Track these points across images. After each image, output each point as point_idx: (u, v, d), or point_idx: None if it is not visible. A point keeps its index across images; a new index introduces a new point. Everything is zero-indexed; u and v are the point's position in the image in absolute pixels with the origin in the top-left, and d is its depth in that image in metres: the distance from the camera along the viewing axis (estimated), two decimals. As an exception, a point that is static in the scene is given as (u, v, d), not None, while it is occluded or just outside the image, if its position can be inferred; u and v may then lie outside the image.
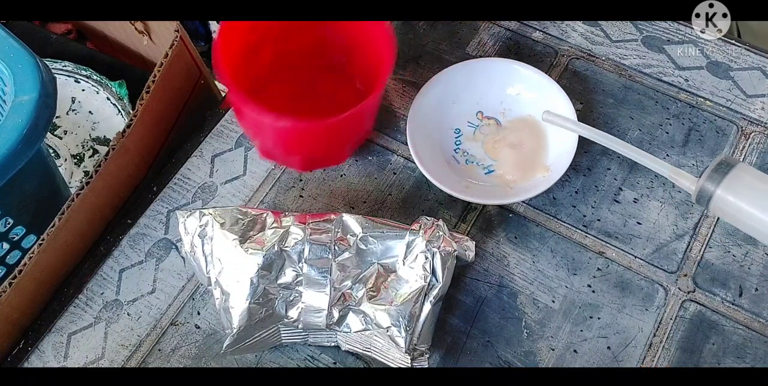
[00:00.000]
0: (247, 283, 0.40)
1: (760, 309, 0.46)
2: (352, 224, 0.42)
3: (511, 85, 0.52)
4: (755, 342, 0.45)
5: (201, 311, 0.48)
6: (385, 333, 0.40)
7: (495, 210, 0.50)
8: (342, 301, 0.41)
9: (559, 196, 0.50)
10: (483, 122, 0.53)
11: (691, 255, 0.48)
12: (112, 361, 0.46)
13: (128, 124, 0.48)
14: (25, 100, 0.41)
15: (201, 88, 0.58)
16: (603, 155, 0.51)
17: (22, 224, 0.48)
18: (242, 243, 0.41)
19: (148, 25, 0.60)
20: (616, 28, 0.57)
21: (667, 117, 0.53)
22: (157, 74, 0.48)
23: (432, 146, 0.51)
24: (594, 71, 0.55)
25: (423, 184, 0.51)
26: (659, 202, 0.49)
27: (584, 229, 0.49)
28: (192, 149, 0.54)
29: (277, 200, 0.52)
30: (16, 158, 0.40)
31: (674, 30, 0.56)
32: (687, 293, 0.46)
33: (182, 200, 0.52)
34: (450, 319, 0.46)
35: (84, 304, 0.48)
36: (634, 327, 0.45)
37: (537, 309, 0.46)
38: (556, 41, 0.57)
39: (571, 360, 0.45)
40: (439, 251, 0.41)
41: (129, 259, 0.50)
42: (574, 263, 0.48)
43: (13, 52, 0.43)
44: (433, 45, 0.57)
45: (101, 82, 0.65)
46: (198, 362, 0.46)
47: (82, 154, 0.64)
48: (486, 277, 0.48)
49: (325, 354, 0.46)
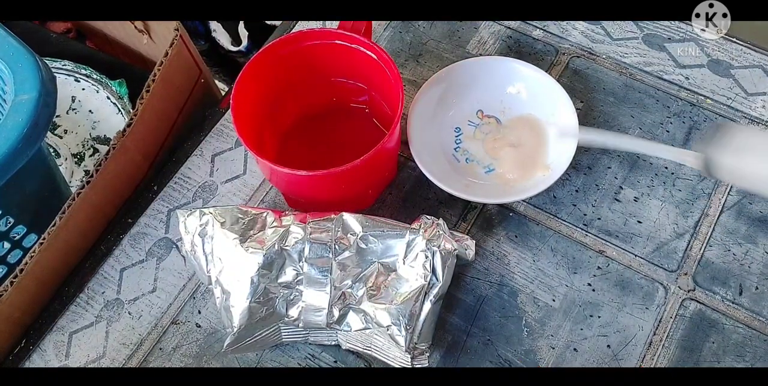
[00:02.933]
0: (248, 282, 0.40)
1: (760, 307, 0.46)
2: (353, 223, 0.42)
3: (511, 83, 0.52)
4: (755, 340, 0.45)
5: (202, 310, 0.48)
6: (385, 332, 0.41)
7: (495, 209, 0.50)
8: (342, 300, 0.41)
9: (559, 195, 0.50)
10: (483, 120, 0.53)
11: (691, 254, 0.48)
12: (114, 360, 0.46)
13: (128, 123, 0.48)
14: (25, 99, 0.41)
15: (201, 87, 0.58)
16: (603, 154, 0.51)
17: (22, 223, 0.48)
18: (243, 242, 0.41)
19: (147, 24, 0.60)
20: (617, 26, 0.57)
21: (668, 115, 0.53)
22: (157, 73, 0.48)
23: (432, 145, 0.51)
24: (595, 70, 0.55)
25: (423, 183, 0.51)
26: (660, 201, 0.49)
27: (584, 228, 0.49)
28: (192, 148, 0.54)
29: (278, 200, 0.52)
30: (17, 158, 0.40)
31: (675, 28, 0.56)
32: (687, 291, 0.46)
33: (183, 200, 0.52)
34: (450, 318, 0.46)
35: (85, 303, 0.48)
36: (634, 326, 0.45)
37: (537, 308, 0.46)
38: (556, 40, 0.57)
39: (571, 359, 0.45)
40: (439, 250, 0.41)
41: (130, 258, 0.50)
42: (575, 262, 0.48)
43: (13, 52, 0.43)
44: (434, 44, 0.57)
45: (101, 82, 0.65)
46: (199, 361, 0.46)
47: (83, 153, 0.64)
48: (486, 276, 0.48)
49: (325, 353, 0.46)
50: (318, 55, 0.48)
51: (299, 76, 0.49)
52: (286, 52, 0.47)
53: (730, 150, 0.36)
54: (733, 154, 0.36)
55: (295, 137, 0.53)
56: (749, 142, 0.35)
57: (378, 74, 0.46)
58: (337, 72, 0.50)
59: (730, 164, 0.36)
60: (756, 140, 0.35)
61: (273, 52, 0.46)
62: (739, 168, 0.35)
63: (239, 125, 0.43)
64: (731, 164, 0.36)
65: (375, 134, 0.53)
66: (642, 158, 0.51)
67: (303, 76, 0.50)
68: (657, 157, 0.48)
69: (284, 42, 0.46)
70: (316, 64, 0.49)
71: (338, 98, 0.53)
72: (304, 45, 0.47)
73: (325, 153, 0.53)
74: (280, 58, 0.47)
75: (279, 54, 0.46)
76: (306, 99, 0.52)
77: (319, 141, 0.53)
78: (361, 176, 0.45)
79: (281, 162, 0.41)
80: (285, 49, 0.46)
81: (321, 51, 0.47)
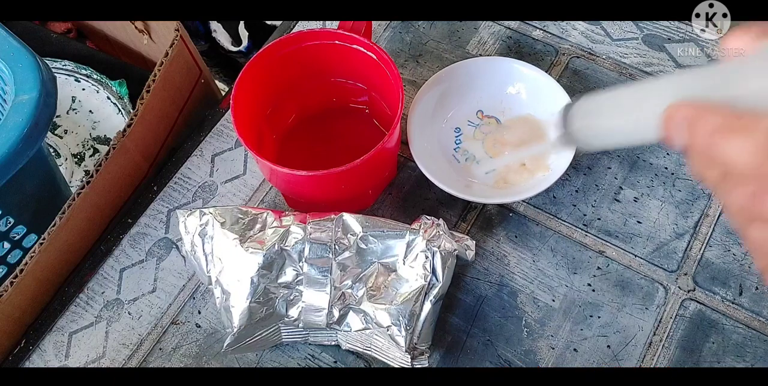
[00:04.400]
0: (248, 282, 0.40)
1: (760, 307, 0.46)
2: (353, 223, 0.42)
3: (511, 84, 0.52)
4: (755, 340, 0.45)
5: (202, 310, 0.48)
6: (385, 332, 0.41)
7: (495, 209, 0.50)
8: (342, 300, 0.41)
9: (559, 195, 0.50)
10: (483, 121, 0.53)
11: (691, 254, 0.48)
12: (113, 360, 0.46)
13: (129, 123, 0.48)
14: (25, 99, 0.41)
15: (201, 87, 0.58)
16: (603, 154, 0.51)
17: (22, 223, 0.48)
18: (243, 242, 0.41)
19: (148, 24, 0.60)
20: (617, 26, 0.57)
21: (668, 116, 0.53)
22: (157, 73, 0.48)
23: (432, 145, 0.51)
24: (594, 70, 0.55)
25: (423, 183, 0.51)
26: (659, 201, 0.49)
27: (584, 228, 0.49)
28: (192, 148, 0.54)
29: (278, 200, 0.52)
30: (17, 158, 0.40)
31: (675, 29, 0.56)
32: (687, 292, 0.46)
33: (183, 200, 0.52)
34: (450, 318, 0.46)
35: (85, 303, 0.48)
36: (634, 326, 0.45)
37: (537, 308, 0.46)
38: (556, 40, 0.57)
39: (571, 359, 0.45)
40: (439, 251, 0.41)
41: (130, 258, 0.50)
42: (575, 262, 0.48)
43: (14, 52, 0.43)
44: (433, 44, 0.57)
45: (101, 82, 0.65)
46: (199, 361, 0.46)
47: (83, 153, 0.64)
48: (486, 276, 0.48)
49: (325, 353, 0.46)
50: (318, 56, 0.48)
51: (299, 77, 0.49)
52: (286, 52, 0.47)
53: (578, 118, 0.37)
54: (581, 119, 0.37)
55: (295, 137, 0.53)
56: (590, 105, 0.36)
57: (378, 74, 0.46)
58: (337, 72, 0.50)
59: (579, 129, 0.37)
60: (595, 100, 0.36)
61: (273, 52, 0.46)
62: (588, 127, 0.36)
63: (239, 125, 0.43)
64: (580, 128, 0.37)
65: (375, 134, 0.53)
66: (642, 159, 0.51)
67: (303, 77, 0.50)
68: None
69: (284, 42, 0.46)
70: (316, 64, 0.49)
71: (338, 98, 0.53)
72: (304, 45, 0.47)
73: (325, 153, 0.53)
74: (280, 59, 0.47)
75: (279, 54, 0.46)
76: (306, 99, 0.52)
77: (319, 141, 0.53)
78: (361, 176, 0.45)
79: (281, 162, 0.41)
80: (285, 49, 0.46)
81: (321, 51, 0.47)
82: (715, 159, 0.25)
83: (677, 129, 0.26)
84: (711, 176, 0.25)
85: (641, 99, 0.31)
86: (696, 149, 0.26)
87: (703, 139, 0.25)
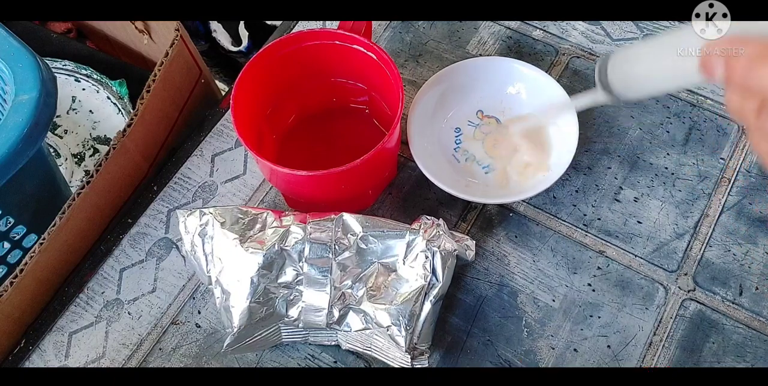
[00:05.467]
0: (248, 282, 0.40)
1: (760, 308, 0.46)
2: (353, 223, 0.42)
3: (511, 84, 0.52)
4: (755, 341, 0.45)
5: (202, 310, 0.48)
6: (385, 332, 0.41)
7: (495, 209, 0.50)
8: (342, 300, 0.41)
9: (559, 195, 0.50)
10: (483, 121, 0.53)
11: (691, 254, 0.48)
12: (113, 360, 0.46)
13: (129, 123, 0.48)
14: (25, 99, 0.41)
15: (201, 87, 0.58)
16: (603, 154, 0.51)
17: (22, 223, 0.48)
18: (243, 242, 0.41)
19: (148, 24, 0.60)
20: (617, 26, 0.57)
21: (668, 116, 0.53)
22: (157, 73, 0.48)
23: (432, 145, 0.51)
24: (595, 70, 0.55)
25: (423, 183, 0.51)
26: (659, 201, 0.49)
27: (584, 228, 0.49)
28: (192, 148, 0.54)
29: (278, 200, 0.52)
30: (17, 158, 0.40)
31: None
32: (687, 292, 0.46)
33: (183, 200, 0.52)
34: (450, 318, 0.46)
35: (85, 303, 0.48)
36: (634, 326, 0.45)
37: (537, 308, 0.46)
38: (556, 40, 0.57)
39: (571, 359, 0.45)
40: (439, 251, 0.41)
41: (130, 258, 0.50)
42: (575, 262, 0.48)
43: (14, 52, 0.43)
44: (433, 44, 0.57)
45: (101, 82, 0.65)
46: (199, 361, 0.46)
47: (83, 153, 0.64)
48: (486, 276, 0.48)
49: (325, 353, 0.46)
50: (318, 56, 0.48)
51: (299, 77, 0.49)
52: (286, 52, 0.47)
53: (616, 68, 0.37)
54: (619, 69, 0.37)
55: (295, 137, 0.53)
56: (627, 54, 0.37)
57: (378, 75, 0.46)
58: (336, 72, 0.50)
59: (617, 79, 0.37)
60: (632, 49, 0.37)
61: (273, 53, 0.46)
62: (626, 76, 0.37)
63: (239, 125, 0.43)
64: (618, 78, 0.37)
65: (375, 134, 0.53)
66: (642, 159, 0.51)
67: (303, 77, 0.50)
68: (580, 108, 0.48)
69: (284, 42, 0.46)
70: (316, 64, 0.49)
71: (338, 98, 0.53)
72: (304, 45, 0.47)
73: (324, 153, 0.53)
74: (280, 59, 0.47)
75: (279, 54, 0.46)
76: (306, 99, 0.52)
77: (319, 141, 0.53)
78: (361, 176, 0.45)
79: (281, 162, 0.41)
80: (285, 49, 0.46)
81: (321, 51, 0.47)
82: (752, 88, 0.26)
83: (716, 63, 0.27)
84: (748, 109, 0.26)
85: (679, 41, 0.32)
86: (734, 81, 0.27)
87: (741, 69, 0.26)
